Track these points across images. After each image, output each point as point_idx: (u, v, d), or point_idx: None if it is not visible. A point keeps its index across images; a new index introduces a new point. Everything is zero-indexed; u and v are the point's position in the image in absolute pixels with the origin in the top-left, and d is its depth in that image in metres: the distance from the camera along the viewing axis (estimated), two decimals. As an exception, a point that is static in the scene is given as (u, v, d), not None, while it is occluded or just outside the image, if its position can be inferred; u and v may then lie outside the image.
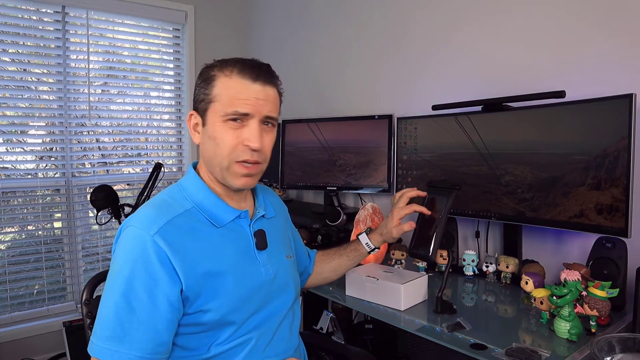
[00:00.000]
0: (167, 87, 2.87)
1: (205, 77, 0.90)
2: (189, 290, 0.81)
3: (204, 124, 0.90)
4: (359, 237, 1.21)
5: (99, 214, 2.28)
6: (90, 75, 2.53)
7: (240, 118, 0.87)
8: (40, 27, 2.41)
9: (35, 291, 2.46)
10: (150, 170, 2.33)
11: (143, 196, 2.31)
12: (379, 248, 1.21)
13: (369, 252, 1.21)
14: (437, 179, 1.62)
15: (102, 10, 2.53)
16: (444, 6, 1.84)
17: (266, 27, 2.89)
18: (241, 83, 0.87)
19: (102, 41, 2.60)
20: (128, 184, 2.80)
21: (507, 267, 1.41)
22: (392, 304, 1.23)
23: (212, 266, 0.85)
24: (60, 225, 2.55)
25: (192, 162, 0.99)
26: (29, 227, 2.50)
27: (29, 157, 2.44)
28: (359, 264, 1.29)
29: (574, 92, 1.36)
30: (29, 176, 2.43)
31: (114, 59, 2.68)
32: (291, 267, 1.04)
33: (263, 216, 1.00)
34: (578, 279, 1.06)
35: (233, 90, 0.87)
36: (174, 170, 2.93)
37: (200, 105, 0.90)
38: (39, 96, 2.42)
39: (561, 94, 1.33)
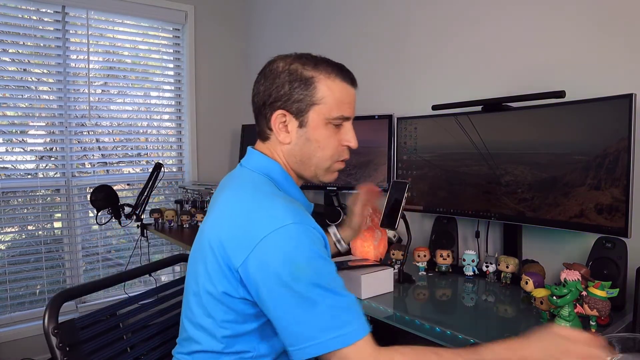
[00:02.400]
0: (167, 87, 2.87)
1: (300, 77, 0.88)
2: None
3: (300, 125, 0.90)
4: (329, 229, 1.25)
5: (99, 214, 2.28)
6: (90, 75, 2.53)
7: (341, 122, 0.91)
8: (40, 27, 2.41)
9: (37, 291, 2.46)
10: (150, 170, 2.33)
11: (143, 196, 2.31)
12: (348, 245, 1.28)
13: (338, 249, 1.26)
14: (398, 180, 1.63)
15: (102, 10, 2.54)
16: (444, 6, 1.84)
17: (266, 27, 2.89)
18: (344, 87, 0.90)
19: (102, 41, 2.60)
20: (128, 184, 2.80)
21: (507, 267, 1.41)
22: (355, 293, 1.26)
23: None
24: (60, 225, 2.56)
25: (250, 147, 0.97)
26: (29, 227, 2.50)
27: (29, 157, 2.44)
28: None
29: (574, 92, 1.36)
30: (29, 176, 2.43)
31: (114, 59, 2.68)
32: None
33: None
34: (578, 279, 1.06)
35: (339, 94, 0.89)
36: (174, 170, 2.93)
37: (296, 106, 0.88)
38: (39, 96, 2.42)
39: (561, 94, 1.33)
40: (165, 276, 2.84)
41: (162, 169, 2.34)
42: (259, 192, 0.84)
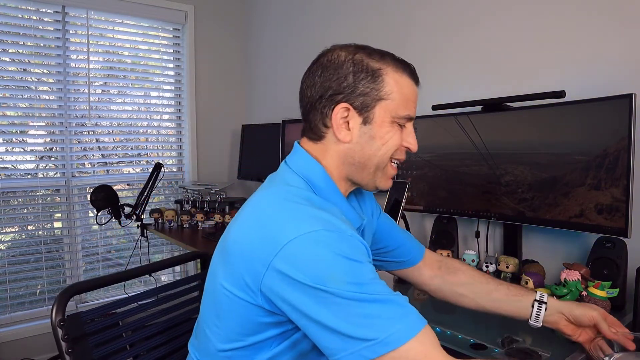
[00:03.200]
0: (167, 87, 2.87)
1: (367, 68, 0.80)
2: None
3: (364, 122, 0.80)
4: (536, 303, 0.95)
5: (99, 214, 2.28)
6: (90, 75, 2.53)
7: (406, 122, 0.83)
8: (40, 27, 2.41)
9: (36, 291, 2.46)
10: (150, 170, 2.33)
11: (143, 196, 2.31)
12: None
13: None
14: (399, 180, 1.64)
15: (102, 10, 2.54)
16: (444, 6, 1.84)
17: (266, 27, 2.89)
18: (410, 84, 0.82)
19: (102, 41, 2.60)
20: (128, 184, 2.80)
21: (507, 267, 1.41)
22: None
23: None
24: (60, 225, 2.56)
25: (297, 143, 0.87)
26: (29, 227, 2.50)
27: (29, 157, 2.44)
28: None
29: (574, 92, 1.36)
30: (29, 176, 2.43)
31: (114, 59, 2.68)
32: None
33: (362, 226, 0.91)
34: (578, 279, 1.06)
35: (407, 91, 0.81)
36: (174, 170, 2.93)
37: (361, 100, 0.79)
38: (39, 96, 2.42)
39: (561, 94, 1.33)
40: (165, 276, 2.84)
41: (162, 169, 2.34)
42: (291, 195, 0.76)
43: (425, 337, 0.66)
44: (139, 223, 2.39)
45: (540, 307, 0.94)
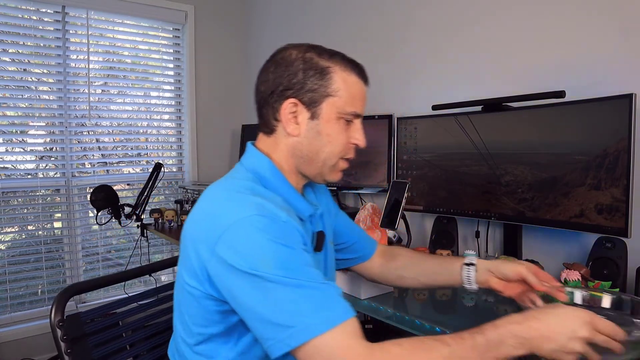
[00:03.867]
0: (167, 87, 2.87)
1: (316, 67, 0.84)
2: None
3: (312, 117, 0.84)
4: (464, 266, 0.97)
5: (99, 214, 2.28)
6: (90, 75, 2.53)
7: (353, 118, 0.86)
8: (40, 27, 2.41)
9: (37, 291, 2.46)
10: (150, 170, 2.34)
11: (143, 196, 2.31)
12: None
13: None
14: (398, 180, 1.66)
15: (102, 10, 2.54)
16: (444, 6, 1.84)
17: (266, 27, 2.89)
18: (358, 83, 0.87)
19: (102, 41, 2.60)
20: (128, 184, 2.80)
21: (507, 267, 1.41)
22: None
23: None
24: (60, 225, 2.56)
25: (250, 142, 0.91)
26: (29, 227, 2.50)
27: (29, 157, 2.44)
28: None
29: (574, 92, 1.36)
30: (29, 176, 2.43)
31: (114, 59, 2.68)
32: (331, 254, 1.00)
33: (321, 214, 0.95)
34: (578, 279, 1.06)
35: (354, 89, 0.85)
36: (174, 170, 2.93)
37: (309, 96, 0.83)
38: (39, 96, 2.42)
39: (561, 94, 1.33)
40: (165, 276, 2.84)
41: (162, 169, 2.34)
42: (233, 186, 0.80)
43: (348, 327, 0.67)
44: (139, 223, 2.39)
45: (470, 268, 0.96)
